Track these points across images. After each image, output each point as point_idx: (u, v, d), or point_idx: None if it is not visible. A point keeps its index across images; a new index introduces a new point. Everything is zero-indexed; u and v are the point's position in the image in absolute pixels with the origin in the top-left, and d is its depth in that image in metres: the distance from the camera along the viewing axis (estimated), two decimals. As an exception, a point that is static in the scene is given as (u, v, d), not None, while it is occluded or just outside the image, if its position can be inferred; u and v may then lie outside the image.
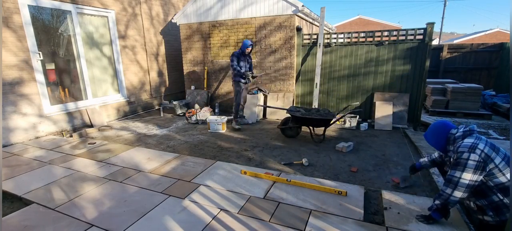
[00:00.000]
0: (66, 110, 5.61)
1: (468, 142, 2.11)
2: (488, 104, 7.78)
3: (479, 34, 23.79)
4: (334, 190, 2.92)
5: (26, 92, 4.94)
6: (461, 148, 2.10)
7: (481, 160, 2.00)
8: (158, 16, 7.76)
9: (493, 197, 2.04)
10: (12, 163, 3.92)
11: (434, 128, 2.40)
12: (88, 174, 3.55)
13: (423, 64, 5.39)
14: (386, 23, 25.86)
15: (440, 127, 2.36)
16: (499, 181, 2.01)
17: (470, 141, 2.11)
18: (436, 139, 2.36)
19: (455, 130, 2.28)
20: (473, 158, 2.01)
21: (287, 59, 6.43)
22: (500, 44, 9.07)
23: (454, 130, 2.28)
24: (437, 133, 2.35)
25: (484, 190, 2.08)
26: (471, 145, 2.07)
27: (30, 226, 2.48)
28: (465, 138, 2.17)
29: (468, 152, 2.04)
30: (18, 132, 4.89)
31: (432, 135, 2.39)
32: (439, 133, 2.34)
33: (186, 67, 7.77)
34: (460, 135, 2.21)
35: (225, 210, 2.68)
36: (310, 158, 3.99)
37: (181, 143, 4.87)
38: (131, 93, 7.12)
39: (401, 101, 5.64)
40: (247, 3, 6.43)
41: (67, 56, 5.75)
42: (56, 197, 2.96)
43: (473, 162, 2.01)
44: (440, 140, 2.33)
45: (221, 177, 3.38)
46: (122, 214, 2.63)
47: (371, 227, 2.37)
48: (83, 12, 5.84)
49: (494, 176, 2.01)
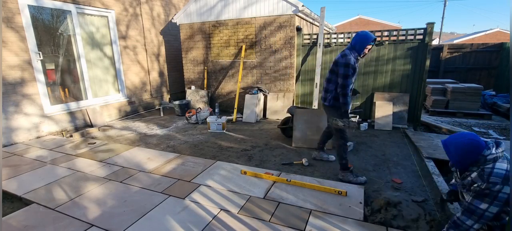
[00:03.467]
0: (67, 110, 5.61)
1: (501, 169, 1.80)
2: (488, 104, 7.78)
3: (479, 34, 23.78)
4: (334, 190, 2.92)
5: (27, 92, 4.94)
6: (493, 177, 1.79)
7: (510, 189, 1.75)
8: (158, 17, 7.77)
9: (507, 218, 1.88)
10: (13, 163, 3.93)
11: (464, 147, 1.93)
12: (88, 173, 3.55)
13: (423, 64, 5.39)
14: (386, 23, 25.84)
15: (473, 146, 1.90)
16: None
17: (503, 167, 1.81)
18: (463, 158, 1.94)
19: (488, 151, 1.87)
20: (505, 191, 1.75)
21: (288, 59, 6.43)
22: (500, 44, 9.07)
23: (487, 151, 1.87)
24: (468, 153, 1.92)
25: (499, 214, 1.90)
26: (505, 175, 1.78)
27: (30, 226, 2.48)
28: (497, 161, 1.85)
29: (502, 184, 1.76)
30: (19, 132, 4.89)
31: (460, 153, 1.95)
32: (470, 153, 1.91)
33: (186, 67, 7.77)
34: (492, 158, 1.85)
35: (226, 209, 2.68)
36: (310, 158, 4.00)
37: (181, 143, 4.87)
38: (132, 93, 7.13)
39: (401, 101, 5.64)
40: (248, 3, 6.44)
41: (67, 56, 5.75)
42: (56, 197, 2.96)
43: (504, 195, 1.76)
44: (467, 159, 1.93)
45: (221, 176, 3.39)
46: (122, 214, 2.63)
47: (371, 227, 2.37)
48: (84, 12, 5.84)
49: None
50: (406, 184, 3.20)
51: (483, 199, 1.81)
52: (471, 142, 1.92)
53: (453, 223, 1.99)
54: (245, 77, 7.00)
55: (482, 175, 1.84)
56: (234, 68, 7.09)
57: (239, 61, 6.94)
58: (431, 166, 3.58)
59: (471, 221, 1.87)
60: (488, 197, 1.80)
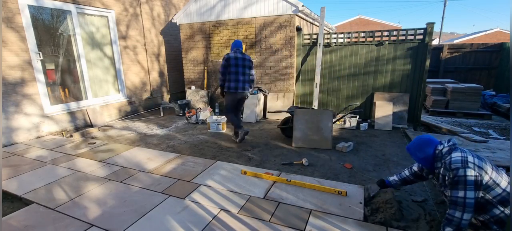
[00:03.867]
0: (67, 110, 5.61)
1: (457, 156, 2.02)
2: (488, 104, 7.79)
3: (479, 34, 23.78)
4: (334, 190, 2.92)
5: (27, 92, 4.94)
6: (453, 163, 1.99)
7: (477, 174, 1.92)
8: (159, 17, 7.77)
9: (494, 210, 1.98)
10: (13, 163, 3.93)
11: (419, 144, 2.25)
12: (88, 173, 3.55)
13: (423, 64, 5.40)
14: (386, 23, 25.85)
15: (425, 142, 2.22)
16: (496, 193, 1.95)
17: (458, 155, 2.02)
18: (423, 155, 2.21)
19: (441, 146, 2.16)
20: (469, 173, 1.92)
21: (288, 59, 6.43)
22: (500, 44, 9.08)
23: (440, 146, 2.17)
24: (423, 149, 2.21)
25: (484, 204, 2.00)
26: (462, 159, 1.98)
27: (30, 226, 2.48)
28: (451, 152, 2.08)
29: (463, 167, 1.94)
30: (19, 132, 4.89)
31: (418, 150, 2.23)
32: (424, 149, 2.20)
33: (186, 67, 7.77)
34: (447, 150, 2.11)
35: (226, 209, 2.68)
36: (310, 158, 4.00)
37: (181, 143, 4.87)
38: (132, 93, 7.13)
39: (401, 101, 5.64)
40: (248, 3, 6.44)
41: (67, 56, 5.75)
42: (56, 197, 2.97)
43: (471, 177, 1.92)
44: (426, 156, 2.20)
45: (221, 176, 3.39)
46: (122, 214, 2.63)
47: (371, 227, 2.38)
48: (84, 12, 5.85)
49: (490, 188, 1.95)
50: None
51: (457, 187, 1.95)
52: (423, 140, 2.24)
53: (446, 220, 2.06)
54: (245, 77, 6.99)
55: (445, 167, 2.07)
56: (234, 68, 7.08)
57: (239, 61, 6.93)
58: (431, 166, 3.57)
59: (459, 213, 1.95)
60: (459, 184, 1.94)
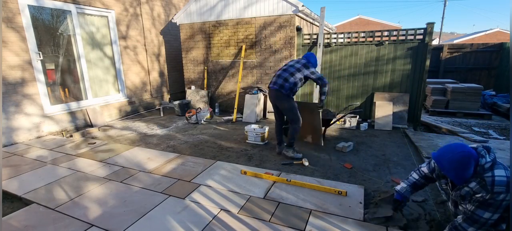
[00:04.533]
0: (67, 110, 5.61)
1: (501, 176, 1.77)
2: (488, 104, 7.79)
3: (479, 34, 23.78)
4: (334, 190, 2.92)
5: (27, 92, 4.94)
6: (497, 186, 1.76)
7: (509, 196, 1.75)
8: (159, 17, 7.77)
9: (502, 225, 1.93)
10: (13, 163, 3.93)
11: (458, 161, 1.86)
12: (89, 173, 3.56)
13: (423, 64, 5.40)
14: (386, 23, 25.86)
15: (466, 158, 1.84)
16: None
17: (503, 174, 1.78)
18: (461, 173, 1.87)
19: (483, 160, 1.84)
20: (508, 198, 1.75)
21: (288, 59, 6.43)
22: (500, 44, 9.07)
23: (482, 160, 1.84)
24: (464, 167, 1.85)
25: (496, 220, 1.89)
26: (507, 181, 1.76)
27: (31, 226, 2.48)
28: (494, 168, 1.82)
29: (506, 192, 1.75)
30: (20, 132, 4.89)
31: (456, 168, 1.88)
32: (466, 166, 1.85)
33: (186, 67, 7.77)
34: (489, 166, 1.82)
35: (226, 209, 2.68)
36: (310, 158, 4.00)
37: (181, 143, 4.87)
38: (132, 93, 7.13)
39: (401, 101, 5.64)
40: (248, 3, 6.44)
41: (67, 56, 5.75)
42: (56, 197, 2.97)
43: (507, 202, 1.76)
44: (466, 174, 1.87)
45: (221, 176, 3.39)
46: (122, 214, 2.63)
47: (371, 227, 2.38)
48: (84, 12, 5.85)
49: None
50: (406, 184, 3.19)
51: (487, 208, 1.81)
52: (463, 155, 1.86)
53: (454, 228, 2.00)
54: (245, 77, 7.00)
55: (484, 186, 1.81)
56: (234, 68, 7.09)
57: (239, 61, 6.94)
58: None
59: (472, 228, 1.90)
60: (492, 206, 1.79)
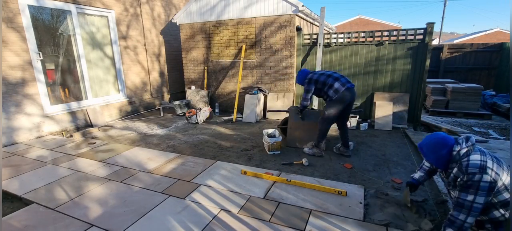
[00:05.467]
0: (67, 110, 5.62)
1: (476, 160, 1.93)
2: (488, 104, 7.79)
3: (479, 34, 23.78)
4: (334, 190, 2.92)
5: (28, 92, 4.95)
6: (470, 167, 1.91)
7: (492, 180, 1.86)
8: (159, 17, 7.77)
9: (495, 212, 1.97)
10: (13, 163, 3.93)
11: (433, 144, 2.12)
12: (89, 173, 3.56)
13: (423, 64, 5.40)
14: (386, 23, 25.84)
15: (440, 143, 2.09)
16: (503, 197, 1.91)
17: (477, 158, 1.93)
18: (437, 156, 2.09)
19: (458, 146, 2.03)
20: (485, 179, 1.85)
21: (288, 59, 6.43)
22: (500, 44, 9.07)
23: (457, 146, 2.03)
24: (438, 150, 2.08)
25: (487, 207, 1.97)
26: (481, 164, 1.90)
27: (31, 226, 2.48)
28: (470, 153, 1.98)
29: (480, 173, 1.87)
30: (20, 132, 4.89)
31: (432, 151, 2.12)
32: (440, 149, 2.07)
33: (186, 67, 7.77)
34: (465, 151, 1.98)
35: (226, 209, 2.68)
36: (310, 158, 4.00)
37: (181, 143, 4.87)
38: (132, 93, 7.13)
39: (401, 101, 5.64)
40: (249, 3, 6.44)
41: (67, 56, 5.75)
42: (56, 197, 2.97)
43: (485, 183, 1.85)
44: (442, 157, 2.08)
45: (221, 176, 3.39)
46: (122, 214, 2.63)
47: (371, 227, 2.38)
48: (84, 12, 5.85)
49: (500, 193, 1.91)
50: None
51: (468, 191, 1.91)
52: (438, 139, 2.11)
53: (448, 221, 2.04)
54: (245, 77, 7.00)
55: (461, 168, 1.98)
56: (234, 68, 7.09)
57: (239, 61, 6.94)
58: (431, 166, 3.57)
59: (463, 215, 1.94)
60: (471, 188, 1.90)
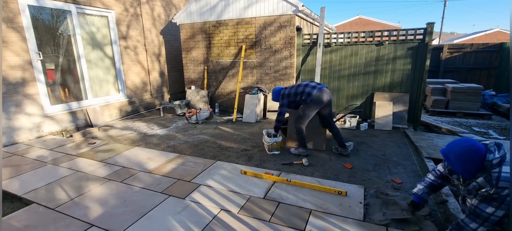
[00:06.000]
0: (67, 110, 5.61)
1: (507, 172, 1.79)
2: (488, 104, 7.79)
3: (479, 34, 23.78)
4: (334, 190, 2.92)
5: (28, 92, 4.95)
6: (502, 181, 1.77)
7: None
8: (159, 17, 7.77)
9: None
10: (14, 163, 3.93)
11: (464, 152, 1.89)
12: (89, 173, 3.56)
13: (423, 64, 5.40)
14: (386, 23, 25.84)
15: (473, 152, 1.87)
16: None
17: (508, 170, 1.80)
18: (468, 166, 1.88)
19: (491, 155, 1.84)
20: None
21: (288, 59, 6.43)
22: (500, 44, 9.07)
23: (491, 155, 1.84)
24: (470, 160, 1.87)
25: (502, 219, 1.87)
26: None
27: (31, 226, 2.48)
28: (502, 164, 1.82)
29: (510, 188, 1.74)
30: (21, 132, 4.89)
31: (463, 160, 1.89)
32: (472, 160, 1.86)
33: (186, 67, 7.78)
34: (497, 162, 1.82)
35: (226, 209, 2.68)
36: (310, 158, 4.00)
37: (181, 143, 4.87)
38: (132, 93, 7.13)
39: (401, 101, 5.64)
40: (249, 3, 6.44)
41: (67, 56, 5.75)
42: (56, 197, 2.97)
43: (509, 197, 1.74)
44: (473, 167, 1.87)
45: (221, 176, 3.39)
46: (122, 214, 2.63)
47: (371, 227, 2.38)
48: (84, 12, 5.85)
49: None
50: (406, 184, 3.20)
51: (490, 203, 1.80)
52: (469, 150, 1.88)
53: (456, 225, 1.98)
54: (245, 77, 7.00)
55: (490, 180, 1.82)
56: (234, 68, 7.09)
57: (239, 61, 6.94)
58: (431, 165, 3.58)
59: (475, 224, 1.86)
60: (495, 201, 1.79)
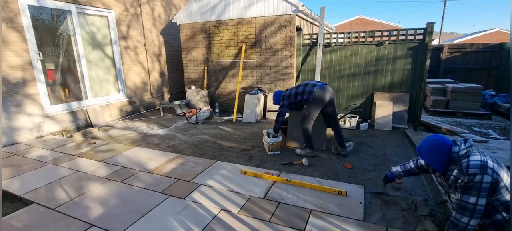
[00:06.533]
0: (67, 110, 5.62)
1: (476, 160, 1.90)
2: (488, 104, 7.79)
3: (479, 34, 23.78)
4: (334, 190, 2.92)
5: (28, 92, 4.95)
6: (471, 168, 1.88)
7: (493, 180, 1.83)
8: (159, 17, 7.77)
9: (497, 215, 1.93)
10: (14, 163, 3.93)
11: (431, 146, 2.10)
12: (89, 173, 3.56)
13: (423, 64, 5.40)
14: (386, 23, 25.83)
15: (439, 145, 2.07)
16: (505, 199, 1.88)
17: (477, 158, 1.91)
18: (436, 158, 2.08)
19: (457, 147, 2.01)
20: (486, 180, 1.83)
21: (288, 59, 6.43)
22: (500, 44, 9.07)
23: (456, 147, 2.01)
24: (437, 152, 2.06)
25: (489, 210, 1.94)
26: (481, 164, 1.87)
27: (31, 226, 2.48)
28: (469, 155, 1.96)
29: (481, 173, 1.84)
30: (21, 131, 4.89)
31: (431, 153, 2.10)
32: (439, 151, 2.06)
33: (186, 67, 7.78)
34: (464, 153, 1.97)
35: (226, 209, 2.68)
36: (310, 158, 4.00)
37: (181, 143, 4.87)
38: (133, 93, 7.13)
39: (401, 101, 5.64)
40: (249, 3, 6.44)
41: (68, 56, 5.75)
42: (56, 197, 2.97)
43: (487, 184, 1.83)
44: (440, 159, 2.06)
45: (221, 176, 3.39)
46: (122, 214, 2.63)
47: (371, 227, 2.38)
48: (84, 12, 5.85)
49: (501, 195, 1.88)
50: (406, 184, 3.20)
51: (470, 193, 1.87)
52: (436, 141, 2.09)
53: (450, 223, 2.02)
54: (245, 77, 7.00)
55: (461, 170, 1.94)
56: (234, 68, 7.10)
57: (239, 61, 6.95)
58: (431, 166, 3.57)
59: (466, 218, 1.91)
60: (473, 189, 1.86)
